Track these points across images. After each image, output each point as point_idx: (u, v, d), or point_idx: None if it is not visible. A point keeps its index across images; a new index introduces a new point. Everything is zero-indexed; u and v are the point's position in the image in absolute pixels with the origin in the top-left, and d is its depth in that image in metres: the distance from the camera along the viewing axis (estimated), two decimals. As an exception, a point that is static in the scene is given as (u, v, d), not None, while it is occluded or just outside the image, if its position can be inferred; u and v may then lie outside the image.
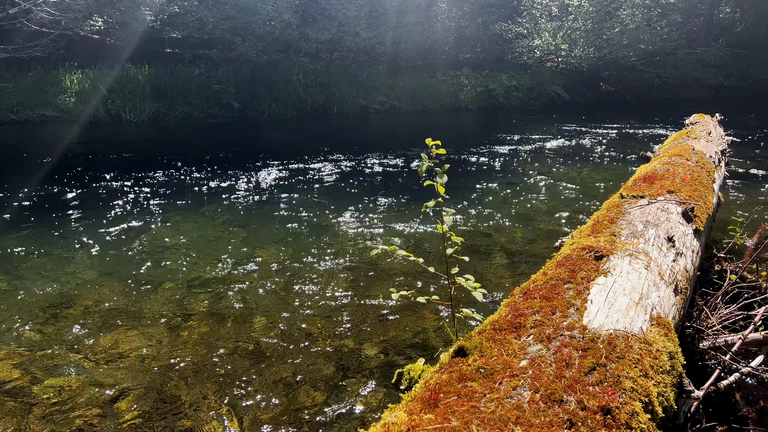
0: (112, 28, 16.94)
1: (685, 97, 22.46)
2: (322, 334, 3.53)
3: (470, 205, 6.59)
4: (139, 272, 4.53)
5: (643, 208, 3.06)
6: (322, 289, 4.19)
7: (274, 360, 3.22)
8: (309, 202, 6.83)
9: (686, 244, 2.83)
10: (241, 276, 4.45)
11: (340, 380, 3.03)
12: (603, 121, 15.26)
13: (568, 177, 8.21)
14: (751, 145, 10.98)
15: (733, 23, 25.48)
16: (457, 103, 19.60)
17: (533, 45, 22.25)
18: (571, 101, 21.45)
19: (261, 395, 2.89)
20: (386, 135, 14.03)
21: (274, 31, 16.71)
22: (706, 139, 5.48)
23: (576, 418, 1.37)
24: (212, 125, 14.75)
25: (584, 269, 2.20)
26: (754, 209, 6.20)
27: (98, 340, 3.45)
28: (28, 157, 9.63)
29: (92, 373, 3.08)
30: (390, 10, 20.28)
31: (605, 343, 1.67)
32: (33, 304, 3.95)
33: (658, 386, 1.64)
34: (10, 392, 2.91)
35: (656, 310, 2.03)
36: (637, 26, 21.01)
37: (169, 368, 3.13)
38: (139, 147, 11.05)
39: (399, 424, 1.37)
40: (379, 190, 7.55)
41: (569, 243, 2.73)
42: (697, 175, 3.95)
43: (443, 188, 2.39)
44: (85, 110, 14.05)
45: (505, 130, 13.95)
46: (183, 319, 3.70)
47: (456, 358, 1.69)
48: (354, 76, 18.63)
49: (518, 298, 2.07)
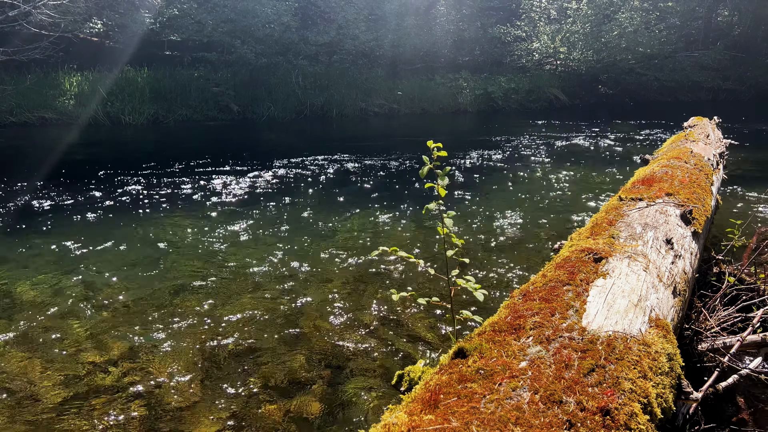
0: (112, 31, 16.96)
1: (683, 100, 22.52)
2: (321, 334, 3.54)
3: (470, 207, 6.60)
4: (136, 273, 4.54)
5: (641, 210, 3.07)
6: (321, 290, 4.19)
7: (273, 360, 3.22)
8: (309, 205, 6.84)
9: (685, 247, 2.84)
10: (239, 277, 4.45)
11: (339, 381, 3.03)
12: (601, 124, 15.29)
13: (567, 179, 8.23)
14: (749, 148, 11.01)
15: (731, 26, 25.55)
16: (455, 106, 19.64)
17: (532, 48, 22.30)
18: (570, 104, 21.49)
19: (260, 395, 2.89)
20: (385, 137, 14.05)
21: (274, 34, 16.75)
22: (704, 142, 5.50)
23: (575, 419, 1.38)
24: (211, 128, 14.76)
25: (583, 271, 2.21)
26: (753, 212, 6.22)
27: (99, 342, 3.45)
28: (27, 160, 9.64)
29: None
30: (389, 13, 20.34)
31: (604, 345, 1.68)
32: (29, 305, 3.95)
33: (656, 387, 1.65)
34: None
35: (655, 312, 2.04)
36: (636, 29, 21.08)
37: (161, 366, 3.13)
38: (138, 149, 11.06)
39: (399, 425, 1.38)
40: (379, 191, 7.56)
41: (568, 245, 2.74)
42: (695, 178, 3.96)
43: (444, 190, 2.40)
44: (85, 113, 14.06)
45: (504, 132, 13.97)
46: (180, 320, 3.71)
47: (456, 359, 1.70)
48: (353, 79, 18.66)
49: (518, 299, 2.07)
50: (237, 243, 5.35)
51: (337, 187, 7.86)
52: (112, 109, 14.52)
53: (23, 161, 9.60)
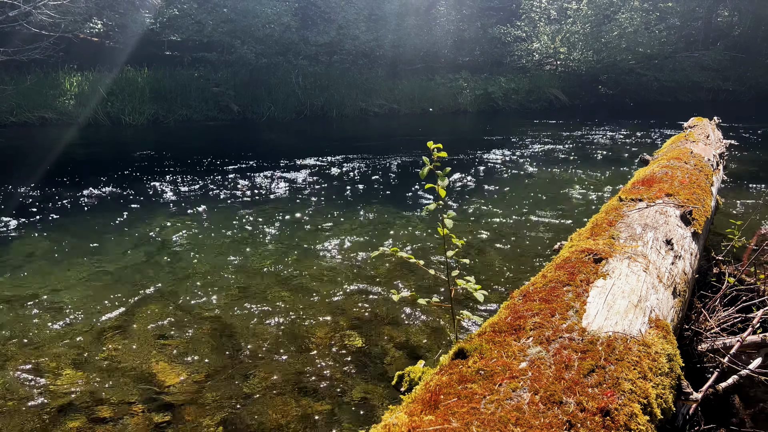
0: (112, 31, 16.97)
1: (683, 100, 22.52)
2: (321, 335, 3.54)
3: (470, 208, 6.61)
4: (135, 274, 4.54)
5: (641, 211, 3.07)
6: (321, 291, 4.19)
7: (273, 361, 3.22)
8: (308, 205, 6.84)
9: (684, 247, 2.85)
10: (239, 278, 4.46)
11: (339, 381, 3.03)
12: (601, 125, 15.29)
13: (567, 180, 8.23)
14: (749, 149, 11.02)
15: (731, 27, 25.56)
16: (456, 106, 19.64)
17: (532, 48, 22.31)
18: (570, 104, 21.50)
19: (260, 395, 2.89)
20: (386, 137, 14.06)
21: (274, 34, 16.75)
22: (704, 143, 5.50)
23: (575, 420, 1.38)
24: (211, 128, 14.77)
25: (583, 272, 2.21)
26: (753, 212, 6.22)
27: (100, 346, 3.46)
28: (28, 160, 9.64)
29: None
30: (389, 14, 20.34)
31: (604, 345, 1.68)
32: (29, 304, 3.96)
33: (656, 388, 1.65)
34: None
35: (655, 313, 2.04)
36: (636, 30, 21.08)
37: (161, 365, 3.13)
38: (138, 150, 11.06)
39: (400, 425, 1.38)
40: (379, 192, 7.56)
41: (568, 246, 2.74)
42: (695, 178, 3.96)
43: (444, 191, 2.41)
44: (85, 113, 14.07)
45: (504, 133, 13.98)
46: (181, 319, 3.71)
47: (456, 359, 1.70)
48: (353, 79, 18.66)
49: (518, 300, 2.08)
50: (236, 243, 5.35)
51: (337, 187, 7.86)
52: (112, 109, 14.52)
53: (23, 161, 9.60)
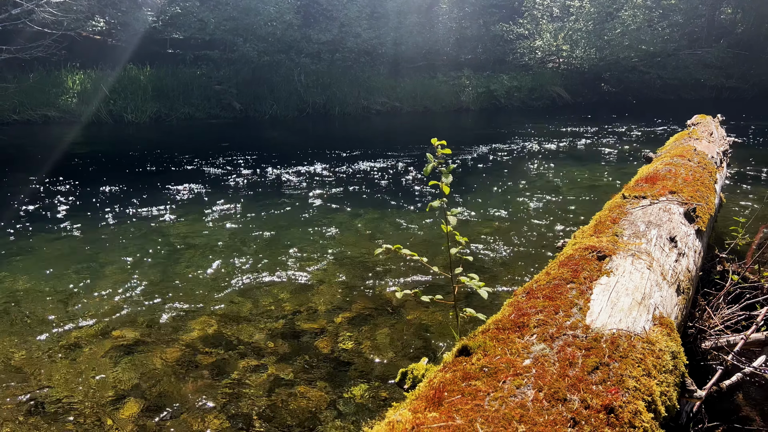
0: (114, 29, 16.97)
1: (686, 98, 22.46)
2: (325, 332, 3.54)
3: (473, 205, 6.60)
4: (136, 270, 4.55)
5: (645, 208, 3.07)
6: (325, 288, 4.20)
7: (275, 358, 3.23)
8: (311, 202, 6.85)
9: (688, 245, 2.84)
10: (241, 275, 4.46)
11: (343, 378, 3.03)
12: (604, 122, 15.26)
13: (570, 177, 8.22)
14: (752, 146, 10.98)
15: (734, 24, 25.46)
16: (458, 104, 19.62)
17: (534, 46, 22.26)
18: (573, 102, 21.45)
19: (263, 393, 2.89)
20: (388, 135, 14.05)
21: (276, 32, 16.73)
22: (707, 140, 5.48)
23: (579, 417, 1.38)
24: (214, 126, 14.77)
25: (587, 269, 2.20)
26: (756, 210, 6.20)
27: (98, 346, 3.46)
28: (30, 158, 9.66)
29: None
30: (391, 11, 20.30)
31: (608, 343, 1.68)
32: (30, 301, 3.97)
33: (660, 386, 1.65)
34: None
35: (659, 310, 2.04)
36: (638, 27, 21.02)
37: (164, 362, 3.14)
38: (140, 148, 11.07)
39: (404, 423, 1.38)
40: (383, 189, 7.56)
41: (572, 243, 2.73)
42: (699, 176, 3.95)
43: (448, 188, 2.40)
44: (87, 111, 14.09)
45: (507, 130, 13.95)
46: (186, 317, 3.71)
47: (460, 357, 1.70)
48: (355, 77, 18.64)
49: (521, 297, 2.07)
50: (236, 240, 5.35)
51: (339, 185, 7.86)
52: (115, 107, 14.54)
53: (26, 159, 9.62)
